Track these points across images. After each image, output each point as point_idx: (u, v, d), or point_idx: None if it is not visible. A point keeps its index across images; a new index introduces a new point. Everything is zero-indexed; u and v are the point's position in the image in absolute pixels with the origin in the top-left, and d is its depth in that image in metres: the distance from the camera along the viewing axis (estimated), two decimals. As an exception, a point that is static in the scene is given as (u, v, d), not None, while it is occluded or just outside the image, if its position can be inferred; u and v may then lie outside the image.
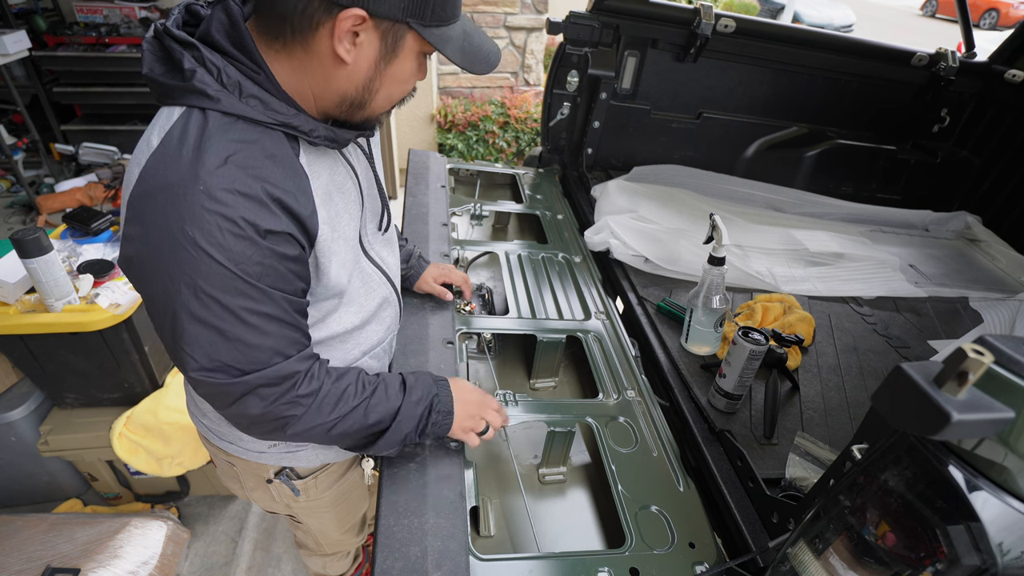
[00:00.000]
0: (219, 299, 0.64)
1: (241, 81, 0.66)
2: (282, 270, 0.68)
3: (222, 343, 0.66)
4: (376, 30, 0.66)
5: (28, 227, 1.41)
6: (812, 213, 2.05)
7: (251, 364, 0.69)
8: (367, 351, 0.97)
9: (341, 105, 0.73)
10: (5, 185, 3.68)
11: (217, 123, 0.64)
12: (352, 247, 0.85)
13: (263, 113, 0.67)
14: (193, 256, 0.61)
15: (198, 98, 0.64)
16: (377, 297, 0.96)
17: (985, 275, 1.86)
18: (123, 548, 1.51)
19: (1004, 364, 0.46)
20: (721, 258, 1.18)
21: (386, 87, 0.73)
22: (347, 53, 0.66)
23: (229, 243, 0.62)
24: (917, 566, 0.51)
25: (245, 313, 0.66)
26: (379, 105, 0.75)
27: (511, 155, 3.97)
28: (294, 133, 0.71)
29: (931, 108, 2.16)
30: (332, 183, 0.79)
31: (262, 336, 0.68)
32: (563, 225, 1.73)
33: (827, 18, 10.82)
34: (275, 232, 0.66)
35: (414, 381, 0.88)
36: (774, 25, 2.03)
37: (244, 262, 0.64)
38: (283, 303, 0.70)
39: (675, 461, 1.02)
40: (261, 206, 0.64)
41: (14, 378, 1.76)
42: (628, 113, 1.99)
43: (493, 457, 1.15)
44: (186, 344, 0.66)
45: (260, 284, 0.66)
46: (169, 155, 0.63)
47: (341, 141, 0.77)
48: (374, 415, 0.82)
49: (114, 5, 3.51)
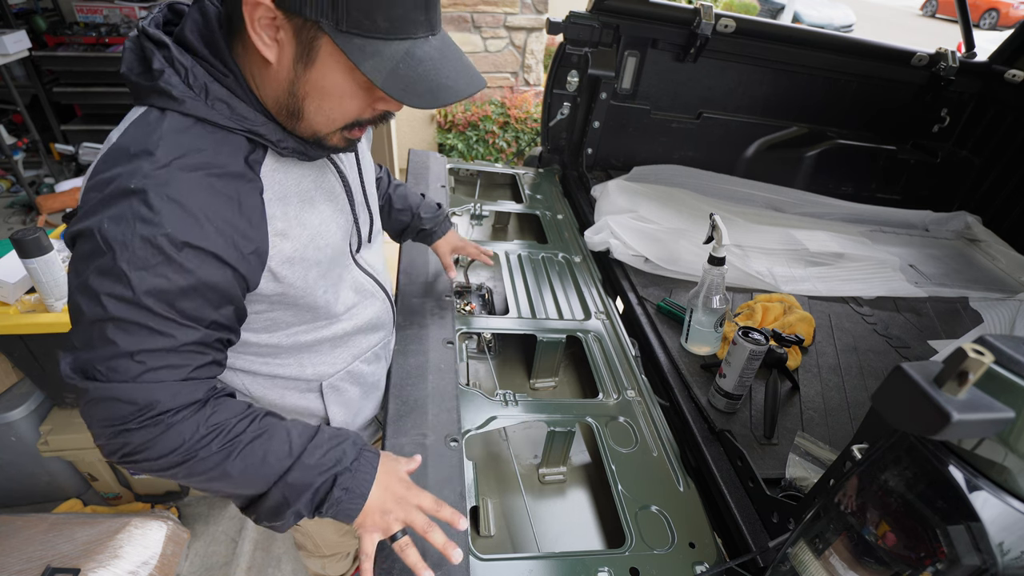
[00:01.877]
0: (104, 304, 0.59)
1: (208, 83, 0.64)
2: (189, 292, 0.62)
3: (98, 339, 0.61)
4: (289, 25, 0.60)
5: (28, 227, 1.41)
6: (812, 213, 2.05)
7: (115, 372, 0.61)
8: (359, 355, 0.96)
9: (278, 111, 0.68)
10: (5, 185, 3.68)
11: (172, 125, 0.63)
12: (336, 256, 0.82)
13: (228, 118, 0.65)
14: (100, 250, 0.59)
15: (162, 99, 0.63)
16: (371, 306, 0.94)
17: (985, 275, 1.86)
18: (123, 548, 1.50)
19: (1004, 364, 0.46)
20: (721, 258, 1.18)
21: (312, 97, 0.65)
22: (265, 48, 0.61)
23: (135, 246, 0.58)
24: (917, 566, 0.51)
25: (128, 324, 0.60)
26: (315, 119, 0.67)
27: (511, 155, 3.97)
28: (261, 141, 0.68)
29: (931, 108, 2.16)
30: (307, 191, 0.75)
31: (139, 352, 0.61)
32: (563, 225, 1.73)
33: (827, 18, 10.82)
34: (195, 247, 0.61)
35: (327, 440, 0.72)
36: (774, 25, 2.03)
37: (145, 269, 0.59)
38: (172, 326, 0.62)
39: (675, 461, 1.02)
40: (189, 217, 0.61)
41: (14, 378, 1.76)
42: (628, 113, 1.99)
43: (493, 457, 1.15)
44: (72, 319, 0.63)
45: (151, 298, 0.60)
46: (120, 151, 0.63)
47: (312, 155, 0.73)
48: (239, 466, 0.66)
49: (114, 5, 3.51)
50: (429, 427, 0.95)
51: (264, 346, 0.83)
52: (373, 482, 0.73)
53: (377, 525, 0.72)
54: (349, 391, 0.97)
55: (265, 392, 0.89)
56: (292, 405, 0.92)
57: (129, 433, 0.63)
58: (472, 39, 3.91)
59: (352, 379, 0.97)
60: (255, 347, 0.83)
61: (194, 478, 0.68)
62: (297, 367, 0.89)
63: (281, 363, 0.87)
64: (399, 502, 0.73)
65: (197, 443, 0.65)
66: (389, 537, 0.72)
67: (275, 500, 0.69)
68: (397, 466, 0.77)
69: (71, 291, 0.63)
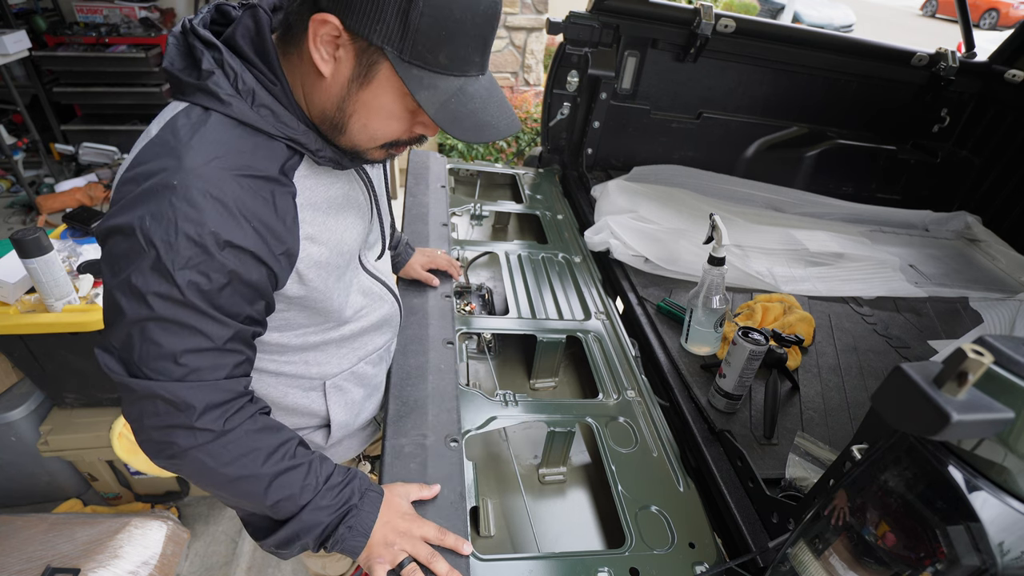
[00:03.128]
0: (148, 301, 0.60)
1: (256, 89, 0.66)
2: (227, 290, 0.64)
3: (138, 340, 0.62)
4: (352, 46, 0.63)
5: (28, 227, 1.41)
6: (812, 213, 2.05)
7: (158, 373, 0.63)
8: (364, 357, 0.97)
9: (322, 122, 0.70)
10: (5, 185, 3.68)
11: (216, 123, 0.64)
12: (352, 261, 0.85)
13: (272, 125, 0.66)
14: (140, 246, 0.59)
15: (208, 99, 0.64)
16: (380, 309, 0.95)
17: (985, 275, 1.86)
18: (123, 548, 1.50)
19: (1004, 364, 0.46)
20: (721, 258, 1.18)
21: (360, 114, 0.68)
22: (323, 62, 0.64)
23: (180, 245, 0.60)
24: (917, 566, 0.51)
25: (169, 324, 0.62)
26: (358, 135, 0.70)
27: (511, 155, 3.97)
28: (300, 149, 0.70)
29: (931, 108, 2.16)
30: (336, 198, 0.78)
31: (181, 352, 0.63)
32: (563, 225, 1.73)
33: (827, 18, 10.82)
34: (236, 246, 0.63)
35: (339, 481, 0.76)
36: (774, 25, 2.03)
37: (188, 267, 0.60)
38: (219, 327, 0.65)
39: (675, 461, 1.02)
40: (229, 216, 0.62)
41: (14, 378, 1.76)
42: (628, 113, 1.99)
43: (493, 457, 1.15)
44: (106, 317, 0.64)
45: (196, 301, 0.62)
46: (160, 146, 0.63)
47: (346, 166, 0.76)
48: (277, 494, 0.71)
49: (114, 5, 3.51)
50: (429, 427, 0.95)
51: (273, 344, 0.84)
52: (376, 520, 0.76)
53: (383, 557, 0.75)
54: (352, 392, 0.98)
55: (268, 389, 0.89)
56: (294, 403, 0.92)
57: (174, 432, 0.65)
58: (472, 39, 3.91)
59: (356, 380, 0.97)
60: (263, 345, 0.84)
61: (222, 490, 0.71)
62: (303, 365, 0.89)
63: (287, 360, 0.88)
64: (402, 535, 0.76)
65: (238, 458, 0.68)
66: (396, 565, 0.75)
67: (287, 534, 0.73)
68: (401, 501, 0.80)
69: (108, 289, 0.63)
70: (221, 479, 0.69)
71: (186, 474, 0.70)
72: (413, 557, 0.75)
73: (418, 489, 0.83)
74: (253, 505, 0.74)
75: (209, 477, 0.69)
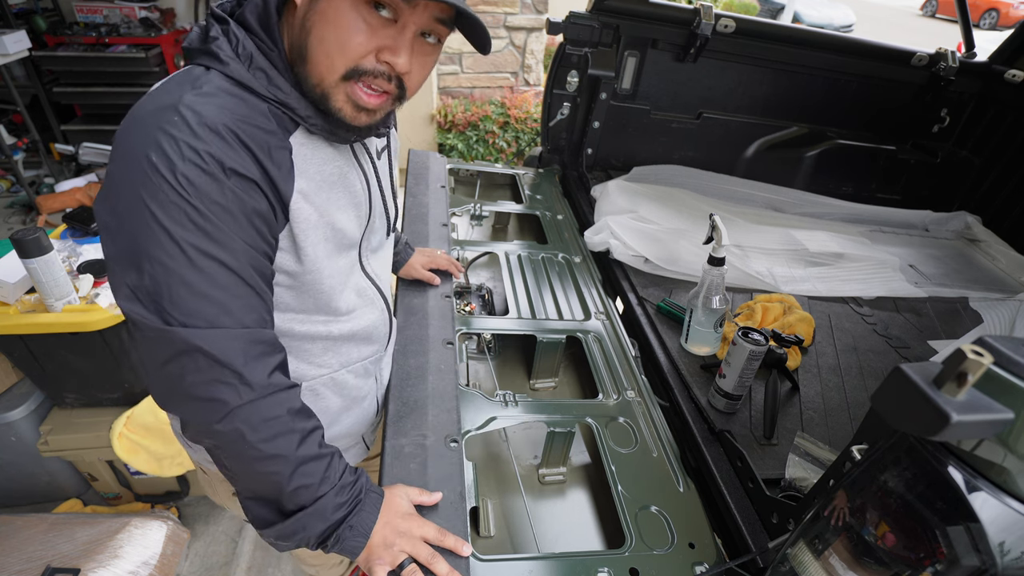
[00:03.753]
0: (169, 229, 0.60)
1: (254, 53, 0.68)
2: (242, 219, 0.64)
3: (164, 279, 0.60)
4: None
5: (28, 227, 1.41)
6: (812, 213, 2.05)
7: (191, 316, 0.61)
8: (346, 364, 0.93)
9: (294, 60, 0.70)
10: (5, 185, 3.68)
11: (216, 76, 0.66)
12: (346, 246, 0.83)
13: (265, 87, 0.68)
14: (152, 181, 0.59)
15: (210, 59, 0.67)
16: (370, 314, 0.93)
17: (985, 275, 1.86)
18: (123, 548, 1.51)
19: (1003, 365, 0.46)
20: (721, 258, 1.18)
21: (317, 27, 0.66)
22: None
23: (190, 173, 0.60)
24: (917, 566, 0.51)
25: (195, 252, 0.61)
26: (316, 56, 0.68)
27: (511, 155, 3.97)
28: (291, 115, 0.70)
29: (931, 108, 2.16)
30: (330, 175, 0.77)
31: (211, 285, 0.62)
32: (563, 225, 1.73)
33: (827, 18, 10.82)
34: (240, 174, 0.64)
35: (350, 481, 0.75)
36: (774, 25, 2.03)
37: (201, 195, 0.61)
38: (242, 255, 0.64)
39: (675, 461, 1.02)
40: (230, 147, 0.63)
41: (14, 378, 1.77)
42: (628, 113, 1.99)
43: (493, 457, 1.15)
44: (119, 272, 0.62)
45: (217, 223, 0.62)
46: (160, 91, 0.66)
47: (340, 137, 0.76)
48: (299, 480, 0.69)
49: (114, 5, 3.51)
50: (429, 427, 0.95)
51: None
52: (376, 521, 0.75)
53: (383, 558, 0.74)
54: (328, 399, 0.94)
55: None
56: None
57: (219, 388, 0.63)
58: (472, 39, 3.91)
59: (335, 387, 0.94)
60: None
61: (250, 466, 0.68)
62: None
63: None
64: (402, 536, 0.75)
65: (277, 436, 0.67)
66: (397, 566, 0.74)
67: (293, 526, 0.71)
68: (401, 501, 0.79)
69: (122, 227, 0.61)
70: (255, 455, 0.66)
71: (221, 442, 0.66)
72: (413, 558, 0.75)
73: (419, 493, 0.82)
74: (270, 489, 0.71)
75: (244, 451, 0.66)
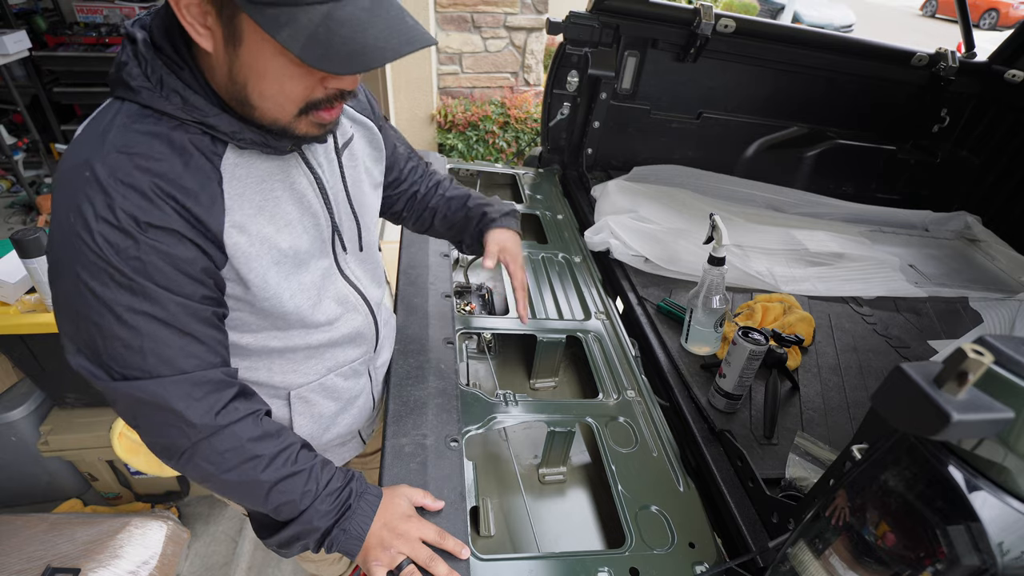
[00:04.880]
0: (94, 290, 0.60)
1: (164, 75, 0.63)
2: (168, 270, 0.63)
3: (99, 338, 0.62)
4: (211, 7, 0.58)
5: (28, 227, 1.41)
6: (812, 213, 2.05)
7: (129, 369, 0.63)
8: (334, 368, 0.92)
9: (232, 102, 0.66)
10: (5, 185, 3.68)
11: (129, 113, 0.63)
12: (305, 260, 0.79)
13: (181, 108, 0.64)
14: (74, 245, 0.60)
15: (123, 89, 0.64)
16: (352, 320, 0.90)
17: (985, 275, 1.86)
18: (123, 548, 1.50)
19: (1004, 364, 0.46)
20: (721, 258, 1.18)
21: (252, 81, 0.62)
22: (199, 36, 0.60)
23: (106, 232, 0.59)
24: (917, 566, 0.51)
25: (122, 310, 0.61)
26: (263, 104, 0.64)
27: (511, 155, 3.97)
28: (214, 134, 0.66)
29: (931, 108, 2.16)
30: (271, 190, 0.72)
31: (142, 339, 0.62)
32: (563, 225, 1.73)
33: (827, 18, 10.82)
34: (158, 227, 0.61)
35: (339, 486, 0.76)
36: (774, 25, 2.03)
37: (119, 254, 0.60)
38: (171, 305, 0.64)
39: (675, 461, 1.02)
40: (144, 199, 0.61)
41: (14, 378, 1.76)
42: (628, 113, 1.99)
43: (493, 457, 1.15)
44: (64, 331, 0.64)
45: (139, 279, 0.61)
46: (77, 142, 0.64)
47: (276, 147, 0.70)
48: (277, 499, 0.72)
49: (114, 5, 3.51)
50: (429, 427, 0.95)
51: (233, 344, 0.79)
52: (371, 523, 0.76)
53: (380, 560, 0.74)
54: (320, 404, 0.93)
55: None
56: None
57: (169, 431, 0.66)
58: (472, 39, 3.91)
59: (325, 392, 0.92)
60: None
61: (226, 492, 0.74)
62: (266, 372, 0.85)
63: (249, 365, 0.83)
64: (400, 537, 0.75)
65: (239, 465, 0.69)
66: (395, 567, 0.74)
67: (288, 535, 0.75)
68: (400, 502, 0.79)
69: (55, 290, 0.64)
70: (224, 484, 0.71)
71: (193, 478, 0.72)
72: (412, 559, 0.75)
73: (422, 495, 0.82)
74: (255, 505, 0.75)
75: (212, 482, 0.71)
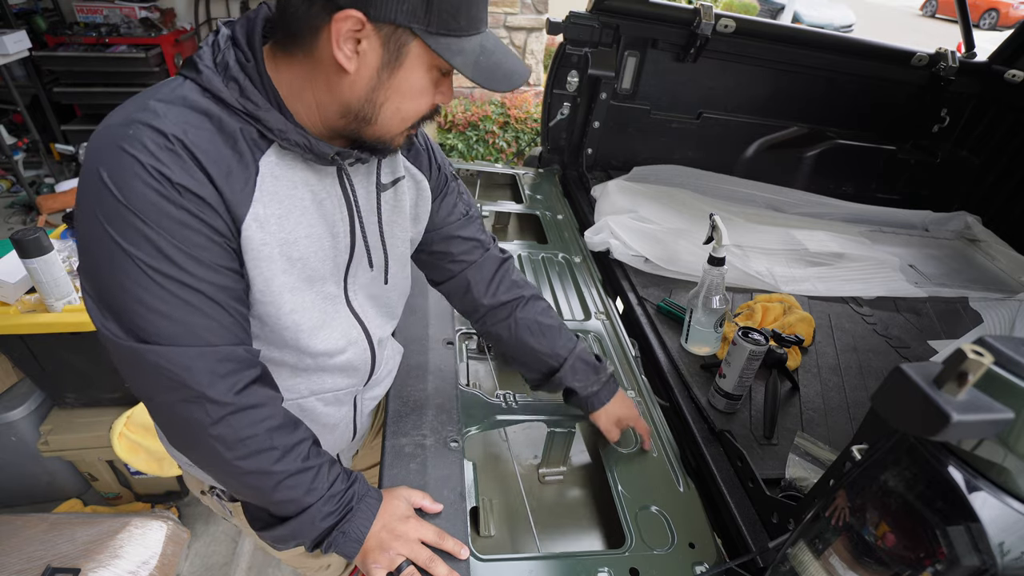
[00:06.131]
0: (125, 249, 0.60)
1: (230, 63, 0.66)
2: (200, 236, 0.63)
3: (121, 295, 0.61)
4: (377, 35, 0.63)
5: (28, 227, 1.41)
6: (812, 213, 2.05)
7: (152, 335, 0.62)
8: (316, 392, 0.86)
9: (346, 117, 0.69)
10: (5, 185, 3.68)
11: (188, 89, 0.65)
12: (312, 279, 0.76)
13: (236, 98, 0.65)
14: (104, 200, 0.59)
15: (189, 68, 0.66)
16: (350, 353, 0.86)
17: (985, 275, 1.86)
18: (123, 548, 1.50)
19: (1004, 365, 0.46)
20: (721, 258, 1.18)
21: (393, 100, 0.68)
22: (348, 60, 0.63)
23: (139, 189, 0.59)
24: (917, 566, 0.51)
25: (151, 271, 0.61)
26: (389, 122, 0.70)
27: (511, 155, 3.97)
28: (262, 128, 0.67)
29: (931, 108, 2.16)
30: (302, 198, 0.72)
31: (168, 304, 0.62)
32: (563, 225, 1.73)
33: (827, 18, 10.82)
34: (192, 192, 0.62)
35: (342, 489, 0.76)
36: (774, 25, 2.03)
37: (152, 213, 0.60)
38: (201, 271, 0.63)
39: (675, 461, 1.02)
40: (182, 162, 0.61)
41: (14, 378, 1.76)
42: (628, 113, 1.99)
43: (493, 457, 1.15)
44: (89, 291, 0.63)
45: (171, 240, 0.61)
46: (128, 102, 0.64)
47: (318, 153, 0.69)
48: (283, 494, 0.71)
49: (114, 5, 3.51)
50: (429, 427, 0.95)
51: None
52: (370, 526, 0.76)
53: (379, 561, 0.75)
54: None
55: None
56: None
57: (188, 407, 0.64)
58: (472, 39, 3.91)
59: (302, 413, 0.86)
60: None
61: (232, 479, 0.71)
62: None
63: None
64: (399, 538, 0.76)
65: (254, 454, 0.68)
66: (395, 569, 0.75)
67: (284, 532, 0.74)
68: (399, 504, 0.79)
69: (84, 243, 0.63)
70: (234, 471, 0.69)
71: (202, 461, 0.71)
72: (411, 560, 0.75)
73: (420, 497, 0.82)
74: (256, 499, 0.74)
75: (222, 467, 0.69)
